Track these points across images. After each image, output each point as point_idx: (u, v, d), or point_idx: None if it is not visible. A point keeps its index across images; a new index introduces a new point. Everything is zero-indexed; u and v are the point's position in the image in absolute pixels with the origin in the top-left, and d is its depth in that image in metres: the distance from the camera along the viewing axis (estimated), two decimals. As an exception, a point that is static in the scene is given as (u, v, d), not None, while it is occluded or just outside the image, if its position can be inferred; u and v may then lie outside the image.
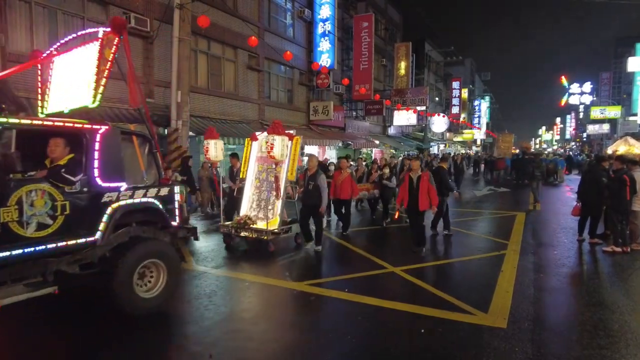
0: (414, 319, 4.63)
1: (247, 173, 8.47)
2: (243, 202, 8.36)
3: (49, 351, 3.94)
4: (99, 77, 4.35)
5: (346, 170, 9.23)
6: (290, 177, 7.81)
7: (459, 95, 45.95)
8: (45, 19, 9.94)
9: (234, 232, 7.67)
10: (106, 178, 4.37)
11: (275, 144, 6.93)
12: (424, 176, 7.18)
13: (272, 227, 7.44)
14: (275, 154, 6.98)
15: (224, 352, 3.89)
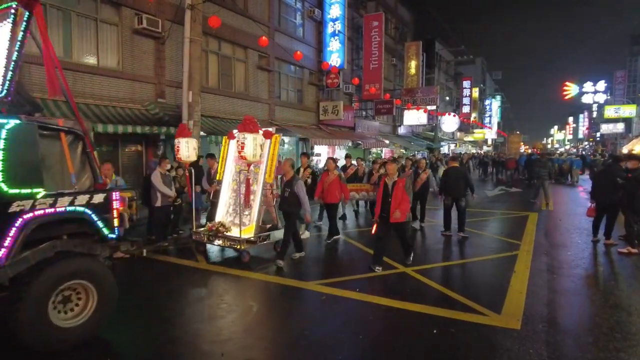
0: (426, 319, 4.60)
1: (224, 175, 7.81)
2: (219, 207, 7.71)
3: None
4: (9, 60, 3.77)
5: (334, 172, 8.58)
6: (268, 180, 7.15)
7: (470, 94, 45.63)
8: (60, 20, 10.08)
9: (206, 240, 7.09)
10: (14, 183, 3.58)
11: (247, 143, 6.25)
12: (399, 182, 6.20)
13: (247, 235, 6.81)
14: (246, 154, 6.29)
15: (234, 351, 3.91)
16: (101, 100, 10.59)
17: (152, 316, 4.62)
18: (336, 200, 8.47)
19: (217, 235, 6.93)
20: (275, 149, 7.18)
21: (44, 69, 4.26)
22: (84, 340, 3.91)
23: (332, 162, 8.68)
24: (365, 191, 10.11)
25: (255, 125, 6.32)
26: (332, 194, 8.41)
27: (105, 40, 11.03)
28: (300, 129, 18.06)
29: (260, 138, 6.57)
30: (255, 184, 7.22)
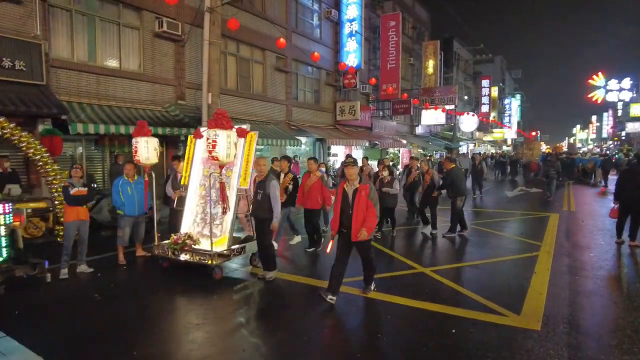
0: (445, 319, 4.59)
1: (190, 179, 6.87)
2: (185, 216, 6.76)
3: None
4: None
5: (316, 173, 7.64)
6: (243, 184, 6.29)
7: (489, 93, 44.97)
8: (85, 25, 10.36)
9: (171, 255, 6.16)
10: None
11: (218, 141, 5.47)
12: (361, 190, 4.92)
13: (219, 248, 6.06)
14: (218, 154, 5.51)
15: (254, 347, 3.97)
16: (124, 102, 10.86)
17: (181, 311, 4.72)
18: (317, 205, 7.59)
19: (184, 249, 6.11)
20: (251, 149, 6.32)
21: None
22: None
23: (313, 163, 7.74)
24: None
25: (228, 120, 5.58)
26: (313, 198, 7.50)
27: (127, 44, 11.30)
28: (317, 130, 18.12)
29: (234, 136, 5.75)
30: (228, 188, 6.34)
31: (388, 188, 8.64)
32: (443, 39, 32.86)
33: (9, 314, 4.67)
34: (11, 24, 8.64)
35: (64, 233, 6.44)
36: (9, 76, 8.43)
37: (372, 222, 4.91)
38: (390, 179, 8.73)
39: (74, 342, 4.04)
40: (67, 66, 9.83)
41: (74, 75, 9.99)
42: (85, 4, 10.29)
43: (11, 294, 5.32)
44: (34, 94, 8.73)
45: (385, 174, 8.79)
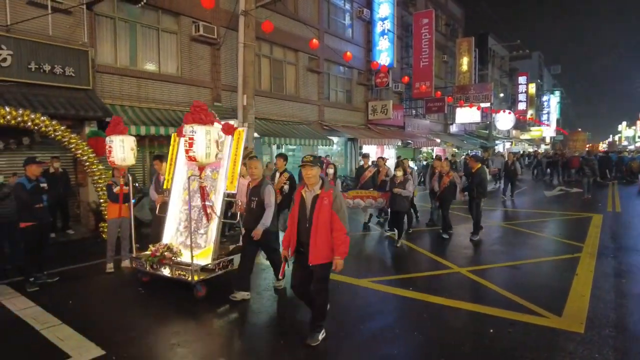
0: (482, 318, 4.54)
1: (173, 182, 6.04)
2: (168, 224, 5.99)
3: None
4: None
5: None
6: (230, 188, 5.46)
7: (526, 90, 43.51)
8: (127, 32, 10.84)
9: (149, 268, 5.44)
10: None
11: (196, 138, 4.76)
12: (323, 197, 3.83)
13: (202, 261, 5.33)
14: (195, 153, 4.80)
15: (292, 341, 4.07)
16: (162, 105, 11.27)
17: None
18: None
19: (162, 262, 5.36)
20: (239, 148, 5.48)
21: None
22: None
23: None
24: (372, 198, 8.74)
25: (207, 114, 4.88)
26: None
27: (166, 48, 11.72)
28: (349, 129, 18.14)
29: (217, 132, 5.01)
30: (214, 193, 5.63)
31: (400, 189, 7.83)
32: (477, 36, 32.11)
33: (63, 303, 4.98)
34: (62, 33, 9.15)
35: (107, 230, 6.79)
36: (59, 82, 8.94)
37: (343, 243, 3.80)
38: (403, 179, 7.95)
39: (120, 331, 4.27)
40: (110, 71, 10.32)
41: (117, 79, 10.46)
42: (127, 11, 10.75)
43: (64, 285, 5.67)
44: (81, 98, 9.21)
45: (399, 174, 8.03)
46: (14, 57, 8.21)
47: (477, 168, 8.51)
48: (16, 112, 7.35)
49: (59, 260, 6.55)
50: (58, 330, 4.22)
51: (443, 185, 8.75)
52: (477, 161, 8.74)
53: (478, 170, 8.48)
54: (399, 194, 7.85)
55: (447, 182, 8.69)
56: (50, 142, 8.54)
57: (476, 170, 8.49)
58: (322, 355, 3.82)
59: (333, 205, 3.81)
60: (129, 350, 3.85)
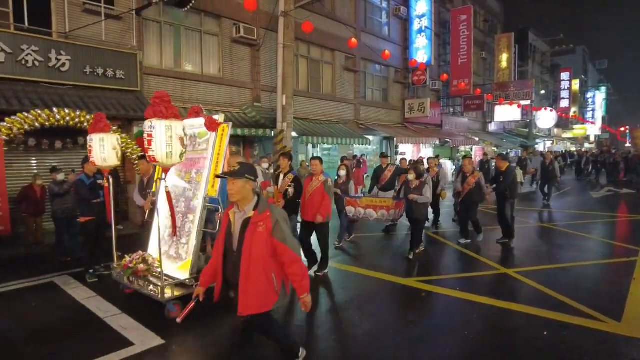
0: (534, 320, 4.44)
1: (160, 184, 5.11)
2: (154, 231, 5.38)
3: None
4: None
5: (319, 177, 6.04)
6: (211, 192, 4.84)
7: (569, 87, 41.73)
8: (172, 35, 11.24)
9: (127, 281, 4.93)
10: None
11: (155, 135, 4.04)
12: (257, 222, 2.86)
13: (181, 274, 4.79)
14: (155, 153, 4.07)
15: (340, 341, 4.12)
16: (205, 105, 11.57)
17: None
18: (320, 218, 5.90)
19: (136, 275, 4.86)
20: (222, 147, 4.88)
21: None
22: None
23: (318, 164, 6.14)
24: (386, 209, 7.44)
25: (169, 106, 4.11)
26: (314, 208, 5.91)
27: (208, 50, 12.06)
28: (385, 128, 18.03)
29: (182, 128, 4.19)
30: (195, 198, 5.04)
31: (416, 195, 6.76)
32: (517, 31, 31.08)
33: (120, 294, 5.25)
34: (113, 38, 9.60)
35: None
36: (111, 84, 9.39)
37: (304, 277, 2.88)
38: (419, 184, 6.84)
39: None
40: (156, 73, 10.73)
41: (162, 80, 10.87)
42: (172, 15, 11.14)
43: (120, 278, 5.98)
44: (130, 99, 9.64)
45: (411, 177, 6.90)
46: (71, 62, 8.70)
47: (506, 167, 7.94)
48: (74, 113, 7.78)
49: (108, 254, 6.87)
50: (120, 319, 4.46)
51: (467, 187, 7.85)
52: (505, 160, 8.13)
53: (508, 170, 7.89)
54: (415, 200, 6.76)
55: (473, 184, 7.82)
56: (102, 141, 8.98)
57: (506, 170, 7.89)
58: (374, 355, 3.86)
59: (273, 232, 2.76)
60: (187, 340, 4.03)
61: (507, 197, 7.88)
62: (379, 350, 3.87)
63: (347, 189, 7.69)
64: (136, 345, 3.87)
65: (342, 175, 7.73)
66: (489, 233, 8.48)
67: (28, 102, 7.78)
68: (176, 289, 4.62)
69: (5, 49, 7.83)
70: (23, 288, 5.63)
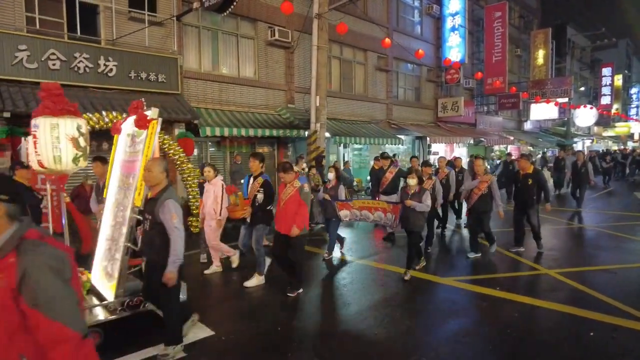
0: (578, 321, 4.38)
1: (109, 190, 4.80)
2: (99, 243, 4.77)
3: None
4: None
5: (293, 184, 5.23)
6: (137, 202, 4.07)
7: (611, 83, 39.97)
8: (209, 39, 11.61)
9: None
10: None
11: (39, 136, 3.52)
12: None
13: (109, 295, 4.14)
14: (41, 157, 3.56)
15: (385, 335, 4.21)
16: (242, 107, 11.93)
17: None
18: (291, 230, 5.12)
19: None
20: (150, 147, 4.12)
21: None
22: None
23: (287, 170, 5.26)
24: (382, 211, 6.31)
25: (58, 100, 3.56)
26: (289, 218, 5.15)
27: (244, 53, 12.37)
28: (417, 127, 17.91)
29: (72, 125, 3.62)
30: (122, 209, 4.35)
31: (414, 202, 5.79)
32: (555, 26, 30.08)
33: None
34: (155, 44, 10.03)
35: (200, 224, 7.33)
36: (153, 88, 9.82)
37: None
38: (418, 190, 5.91)
39: (224, 314, 4.67)
40: (195, 76, 11.11)
41: (201, 84, 11.24)
42: (210, 20, 11.51)
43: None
44: (171, 102, 10.03)
45: (413, 182, 5.91)
46: (118, 67, 9.16)
47: (532, 170, 7.17)
48: (121, 116, 8.18)
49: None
50: (170, 311, 4.70)
51: (478, 192, 6.79)
52: (528, 161, 7.29)
53: (535, 171, 7.18)
54: (411, 206, 5.78)
55: (485, 188, 6.74)
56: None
57: (533, 171, 7.14)
58: (414, 348, 3.93)
59: (20, 289, 1.51)
60: (235, 332, 4.22)
61: (530, 204, 7.05)
62: (420, 345, 3.94)
63: (337, 193, 6.85)
64: (188, 336, 4.08)
65: (331, 178, 7.04)
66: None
67: (80, 107, 8.20)
68: (99, 314, 3.94)
69: (60, 57, 8.36)
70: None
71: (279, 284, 5.51)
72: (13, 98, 7.63)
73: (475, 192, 6.81)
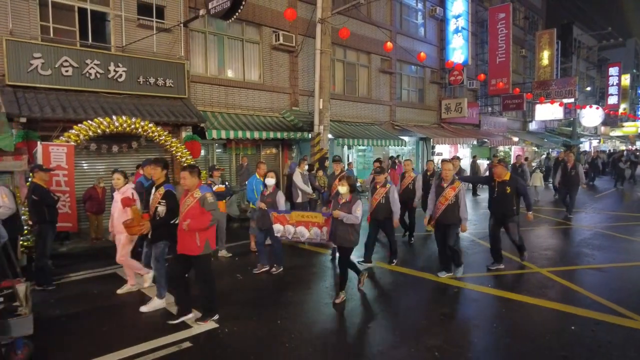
0: (563, 316, 4.63)
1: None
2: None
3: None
4: None
5: (194, 194, 4.48)
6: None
7: (618, 82, 39.75)
8: (215, 44, 11.93)
9: None
10: None
11: None
12: None
13: None
14: None
15: (376, 328, 4.47)
16: (247, 110, 12.24)
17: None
18: (195, 249, 4.43)
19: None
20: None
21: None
22: None
23: (188, 176, 4.47)
24: (318, 227, 5.44)
25: None
26: (187, 236, 4.44)
27: (249, 58, 12.68)
28: (421, 129, 18.11)
29: None
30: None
31: (342, 212, 5.05)
32: (561, 26, 30.09)
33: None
34: (163, 49, 10.37)
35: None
36: (162, 92, 10.15)
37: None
38: (349, 199, 5.13)
39: (229, 309, 4.96)
40: (202, 80, 11.44)
41: (208, 88, 11.57)
42: (216, 25, 11.83)
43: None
44: (179, 106, 10.36)
45: (343, 190, 5.15)
46: (127, 73, 9.50)
47: (509, 176, 6.32)
48: (130, 120, 8.53)
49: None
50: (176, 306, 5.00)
51: (444, 202, 5.88)
52: (505, 167, 6.41)
53: (512, 178, 6.35)
54: (338, 218, 5.05)
55: (452, 198, 5.86)
56: (152, 145, 9.72)
57: (510, 178, 6.30)
58: (419, 334, 4.19)
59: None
60: (238, 325, 4.50)
61: (514, 213, 6.27)
62: (425, 332, 4.21)
63: (275, 201, 6.15)
64: (193, 328, 4.38)
65: (270, 184, 6.30)
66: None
67: (92, 111, 8.61)
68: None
69: (72, 63, 8.72)
70: (91, 277, 6.36)
71: (278, 283, 5.78)
72: (29, 104, 8.00)
73: (441, 202, 5.90)
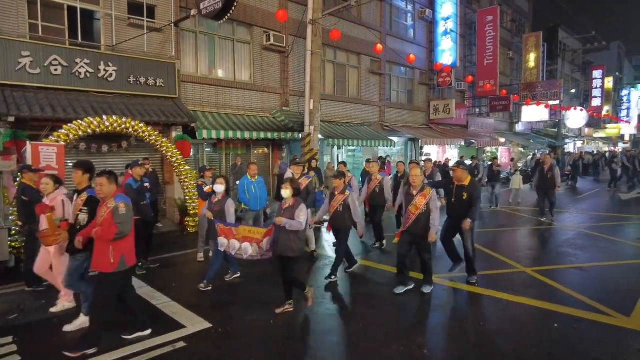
0: (546, 314, 4.79)
1: None
2: None
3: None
4: None
5: (108, 203, 3.93)
6: None
7: (602, 85, 40.57)
8: (206, 44, 11.93)
9: None
10: None
11: None
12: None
13: None
14: None
15: (370, 325, 4.58)
16: (238, 111, 12.26)
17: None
18: (107, 265, 3.88)
19: None
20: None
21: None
22: None
23: (105, 181, 3.95)
24: (257, 243, 5.03)
25: None
26: (100, 249, 3.92)
27: (240, 58, 12.69)
28: (409, 130, 18.30)
29: None
30: None
31: (285, 218, 4.69)
32: (547, 29, 30.62)
33: (168, 285, 5.86)
34: (154, 49, 10.34)
35: (199, 224, 7.68)
36: (152, 92, 10.13)
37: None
38: (293, 203, 4.80)
39: (221, 309, 5.02)
40: (193, 80, 11.43)
41: (198, 88, 11.56)
42: (207, 25, 11.82)
43: (165, 271, 6.62)
44: (169, 106, 10.35)
45: (286, 194, 4.83)
46: (117, 72, 9.46)
47: (469, 180, 5.77)
48: (120, 120, 8.50)
49: (152, 250, 7.49)
50: (170, 306, 5.05)
51: (415, 212, 5.32)
52: (464, 170, 5.80)
53: (472, 184, 5.77)
54: (281, 225, 4.68)
55: (423, 207, 5.31)
56: (142, 145, 9.71)
57: (470, 184, 5.74)
58: (407, 333, 4.30)
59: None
60: (231, 325, 4.57)
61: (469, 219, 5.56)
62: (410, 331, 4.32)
63: (223, 209, 5.64)
64: (187, 328, 4.44)
65: (219, 192, 5.71)
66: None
67: (81, 111, 8.56)
68: None
69: (62, 62, 8.66)
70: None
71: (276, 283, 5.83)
72: (17, 103, 7.92)
73: (411, 211, 5.34)
